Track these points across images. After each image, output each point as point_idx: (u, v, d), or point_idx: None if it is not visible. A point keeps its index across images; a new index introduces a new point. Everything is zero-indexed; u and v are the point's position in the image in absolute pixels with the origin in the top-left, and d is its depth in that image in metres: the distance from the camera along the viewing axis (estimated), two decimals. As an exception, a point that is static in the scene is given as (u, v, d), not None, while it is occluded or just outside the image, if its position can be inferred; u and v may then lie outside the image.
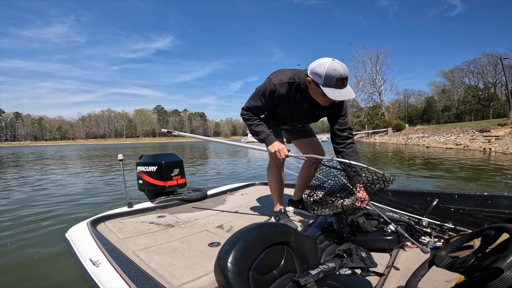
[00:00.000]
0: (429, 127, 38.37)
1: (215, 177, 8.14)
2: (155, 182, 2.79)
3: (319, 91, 1.57)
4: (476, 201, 1.98)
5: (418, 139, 28.09)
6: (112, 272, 1.32)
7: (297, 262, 1.31)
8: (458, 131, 25.54)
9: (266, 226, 1.24)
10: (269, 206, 2.39)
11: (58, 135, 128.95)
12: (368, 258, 1.57)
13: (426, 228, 2.04)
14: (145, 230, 1.94)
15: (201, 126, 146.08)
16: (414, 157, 13.34)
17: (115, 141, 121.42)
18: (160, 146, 49.43)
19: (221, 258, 1.03)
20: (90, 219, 2.06)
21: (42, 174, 9.90)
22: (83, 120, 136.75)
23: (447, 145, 19.97)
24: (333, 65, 1.48)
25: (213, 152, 22.85)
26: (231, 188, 3.34)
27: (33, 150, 40.17)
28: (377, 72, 58.61)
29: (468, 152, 14.96)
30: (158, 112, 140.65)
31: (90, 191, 6.29)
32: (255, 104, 1.80)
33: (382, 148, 23.45)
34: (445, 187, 6.05)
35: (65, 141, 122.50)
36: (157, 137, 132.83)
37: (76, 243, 1.82)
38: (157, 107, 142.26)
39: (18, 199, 5.62)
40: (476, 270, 0.86)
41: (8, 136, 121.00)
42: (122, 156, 2.68)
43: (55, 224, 3.82)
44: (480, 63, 53.47)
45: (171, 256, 1.50)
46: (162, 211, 2.48)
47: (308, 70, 1.60)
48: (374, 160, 12.82)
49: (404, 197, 2.32)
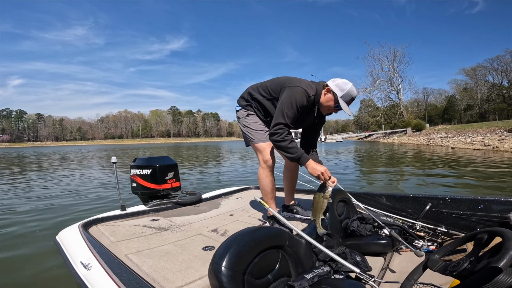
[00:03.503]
0: (452, 127, 36.80)
1: (218, 178, 7.85)
2: (149, 186, 2.74)
3: (332, 100, 1.83)
4: (468, 205, 2.00)
5: (441, 139, 26.89)
6: (104, 275, 1.28)
7: (292, 266, 1.30)
8: (485, 131, 24.26)
9: (260, 230, 1.24)
10: (263, 210, 2.35)
11: (78, 136, 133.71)
12: (363, 262, 1.57)
13: (420, 232, 2.07)
14: (138, 234, 1.91)
15: (215, 127, 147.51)
16: (451, 160, 12.52)
17: (131, 141, 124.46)
18: (175, 146, 49.90)
19: (215, 262, 1.03)
20: (82, 222, 2.04)
21: (43, 175, 9.83)
22: (102, 121, 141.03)
23: (474, 146, 18.87)
24: (353, 88, 1.82)
25: (227, 151, 22.61)
26: (225, 192, 3.31)
27: (52, 150, 41.38)
28: (394, 70, 57.08)
29: (498, 154, 13.98)
30: (173, 112, 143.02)
31: (84, 193, 6.14)
32: (292, 116, 1.80)
33: (403, 149, 22.46)
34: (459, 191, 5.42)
35: (84, 142, 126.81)
36: (172, 137, 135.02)
37: (66, 245, 1.79)
38: (172, 108, 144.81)
39: (5, 202, 5.46)
40: (470, 274, 0.87)
41: (30, 137, 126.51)
42: (116, 159, 2.64)
43: (45, 226, 3.74)
44: (504, 60, 51.58)
45: (164, 259, 1.48)
46: (155, 214, 2.45)
47: (331, 82, 1.84)
48: (399, 163, 12.09)
49: (397, 202, 2.35)
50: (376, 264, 1.64)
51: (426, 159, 12.73)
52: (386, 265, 1.67)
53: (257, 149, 2.03)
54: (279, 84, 1.91)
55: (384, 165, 10.92)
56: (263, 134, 2.02)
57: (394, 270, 1.61)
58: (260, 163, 2.03)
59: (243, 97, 2.11)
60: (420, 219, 2.16)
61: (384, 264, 1.69)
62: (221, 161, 15.02)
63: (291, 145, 1.78)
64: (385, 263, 1.70)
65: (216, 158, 16.93)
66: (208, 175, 9.19)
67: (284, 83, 1.88)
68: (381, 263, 1.68)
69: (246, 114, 2.07)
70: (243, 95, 2.13)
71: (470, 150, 17.15)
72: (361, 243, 1.83)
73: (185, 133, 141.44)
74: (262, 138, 2.01)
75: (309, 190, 2.96)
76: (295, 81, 1.87)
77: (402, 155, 16.25)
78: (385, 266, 1.67)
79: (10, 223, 3.90)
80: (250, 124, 2.05)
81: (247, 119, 2.07)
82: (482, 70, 55.80)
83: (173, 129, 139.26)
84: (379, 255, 1.77)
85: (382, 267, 1.65)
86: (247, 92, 2.10)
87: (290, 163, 2.16)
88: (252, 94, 2.04)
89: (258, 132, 2.03)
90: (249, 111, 2.06)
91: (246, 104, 2.08)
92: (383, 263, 1.69)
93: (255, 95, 2.02)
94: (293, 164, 2.17)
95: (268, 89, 1.97)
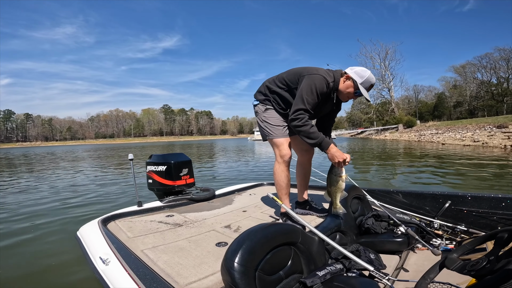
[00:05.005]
0: (442, 123, 37.43)
1: (221, 177, 7.88)
2: (164, 182, 2.81)
3: (351, 87, 1.85)
4: (489, 203, 1.94)
5: (431, 135, 27.36)
6: (121, 271, 1.32)
7: (304, 263, 1.30)
8: (474, 127, 24.78)
9: (273, 227, 1.24)
10: (276, 206, 2.36)
11: (68, 136, 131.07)
12: (377, 260, 1.54)
13: (438, 230, 2.01)
14: (153, 229, 1.96)
15: (208, 125, 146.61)
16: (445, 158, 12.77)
17: (123, 140, 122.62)
18: (168, 145, 49.61)
19: (228, 258, 1.04)
20: (101, 218, 2.09)
21: (57, 174, 9.93)
22: (92, 120, 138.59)
23: (464, 142, 19.29)
24: (372, 75, 1.86)
25: (220, 149, 22.57)
26: (239, 188, 3.32)
27: (44, 151, 40.60)
28: (386, 67, 57.65)
29: (488, 149, 14.33)
30: (165, 111, 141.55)
31: (103, 189, 6.40)
32: (313, 102, 1.80)
33: (396, 145, 22.79)
34: (463, 188, 5.59)
35: (75, 141, 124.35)
36: (165, 136, 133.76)
37: (87, 241, 1.85)
38: (164, 106, 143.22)
39: (31, 197, 5.76)
40: (488, 273, 0.84)
41: (19, 137, 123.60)
42: (133, 155, 2.71)
43: (68, 222, 3.92)
44: (493, 58, 52.44)
45: (178, 255, 1.51)
46: (170, 210, 2.50)
47: (350, 70, 1.87)
48: (394, 159, 12.30)
49: (415, 199, 2.30)
50: (390, 263, 1.62)
51: (425, 156, 12.97)
52: (401, 264, 1.65)
53: (275, 144, 2.03)
54: (296, 74, 1.91)
55: (378, 160, 11.09)
56: (281, 129, 2.02)
57: (409, 268, 1.58)
58: (277, 158, 2.03)
59: (261, 91, 2.09)
60: (438, 217, 2.10)
61: (399, 263, 1.66)
62: (215, 158, 15.01)
63: (313, 130, 1.77)
64: (400, 262, 1.67)
65: (211, 156, 16.90)
66: (205, 172, 9.22)
67: (301, 72, 1.88)
68: (396, 262, 1.65)
69: (264, 108, 2.06)
70: (260, 89, 2.10)
71: (460, 146, 17.52)
72: (376, 241, 1.80)
73: (178, 131, 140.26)
74: (281, 133, 2.01)
75: (322, 187, 2.96)
76: (313, 69, 1.87)
77: (393, 152, 16.49)
78: (400, 264, 1.64)
79: (34, 220, 4.05)
80: (269, 119, 2.04)
81: (265, 113, 2.05)
82: (471, 67, 56.69)
83: (166, 127, 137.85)
84: (394, 253, 1.74)
85: (397, 265, 1.62)
86: (264, 86, 2.08)
87: (303, 159, 2.17)
88: (269, 87, 2.03)
89: (277, 128, 2.02)
90: (267, 105, 2.05)
91: (264, 98, 2.06)
92: (398, 262, 1.66)
93: (273, 88, 2.00)
94: (305, 160, 2.18)
95: (285, 80, 1.95)
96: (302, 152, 2.19)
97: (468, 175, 6.98)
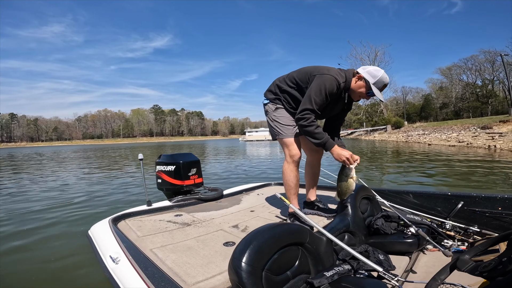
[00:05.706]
0: (428, 124, 38.35)
1: (221, 177, 7.87)
2: (173, 181, 2.86)
3: (363, 87, 1.84)
4: (503, 204, 1.91)
5: (418, 136, 27.96)
6: (130, 270, 1.35)
7: (312, 263, 1.29)
8: (459, 128, 25.48)
9: (281, 227, 1.23)
10: (284, 206, 2.37)
11: (55, 136, 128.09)
12: (386, 261, 1.52)
13: (450, 232, 1.97)
14: (162, 229, 1.99)
15: (199, 125, 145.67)
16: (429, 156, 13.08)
17: (112, 141, 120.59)
18: (158, 145, 48.93)
19: (235, 257, 1.04)
20: (112, 217, 2.13)
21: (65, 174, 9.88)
22: (80, 120, 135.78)
23: (449, 142, 19.80)
24: (385, 75, 1.82)
25: (212, 150, 22.47)
26: (246, 188, 3.34)
27: (31, 151, 39.50)
28: (375, 69, 58.48)
29: (472, 150, 14.76)
30: (155, 111, 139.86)
31: (114, 189, 6.52)
32: (320, 103, 1.80)
33: (384, 146, 23.21)
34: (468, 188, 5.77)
35: (61, 142, 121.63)
36: (155, 136, 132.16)
37: (98, 240, 1.89)
38: (154, 106, 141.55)
39: (45, 196, 5.84)
40: (500, 274, 0.83)
41: (4, 138, 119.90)
42: (142, 155, 2.75)
43: (79, 220, 3.96)
44: (478, 60, 53.72)
45: (186, 254, 1.53)
46: (179, 210, 2.53)
47: (362, 69, 1.85)
48: (383, 159, 12.54)
49: (426, 200, 2.27)
50: (400, 264, 1.60)
51: (424, 159, 13.25)
52: (411, 265, 1.62)
53: (284, 144, 2.02)
54: (306, 73, 1.90)
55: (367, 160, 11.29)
56: (291, 129, 2.00)
57: (419, 270, 1.56)
58: (286, 157, 2.02)
59: (271, 90, 2.08)
60: (450, 218, 2.07)
61: (409, 264, 1.63)
62: (208, 159, 14.96)
63: (318, 130, 1.79)
64: (410, 263, 1.64)
65: (205, 156, 16.82)
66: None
67: (312, 72, 1.87)
68: (405, 263, 1.63)
69: (274, 107, 2.05)
70: (271, 88, 2.09)
71: (445, 147, 17.96)
72: (385, 242, 1.78)
73: (169, 132, 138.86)
74: (291, 133, 2.00)
75: (330, 187, 2.96)
76: (324, 69, 1.86)
77: (383, 152, 16.79)
78: (410, 265, 1.62)
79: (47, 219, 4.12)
80: (279, 119, 2.03)
81: (275, 113, 2.04)
82: (457, 69, 58.09)
83: (156, 128, 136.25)
84: (404, 254, 1.71)
85: (406, 266, 1.60)
86: (274, 85, 2.07)
87: (312, 159, 2.17)
88: (280, 86, 2.02)
89: (287, 127, 2.01)
90: (277, 104, 2.03)
91: (274, 97, 2.05)
92: (407, 263, 1.64)
93: (284, 87, 1.99)
94: (315, 160, 2.19)
95: (295, 79, 1.94)
96: (311, 152, 2.19)
97: (459, 174, 7.19)
